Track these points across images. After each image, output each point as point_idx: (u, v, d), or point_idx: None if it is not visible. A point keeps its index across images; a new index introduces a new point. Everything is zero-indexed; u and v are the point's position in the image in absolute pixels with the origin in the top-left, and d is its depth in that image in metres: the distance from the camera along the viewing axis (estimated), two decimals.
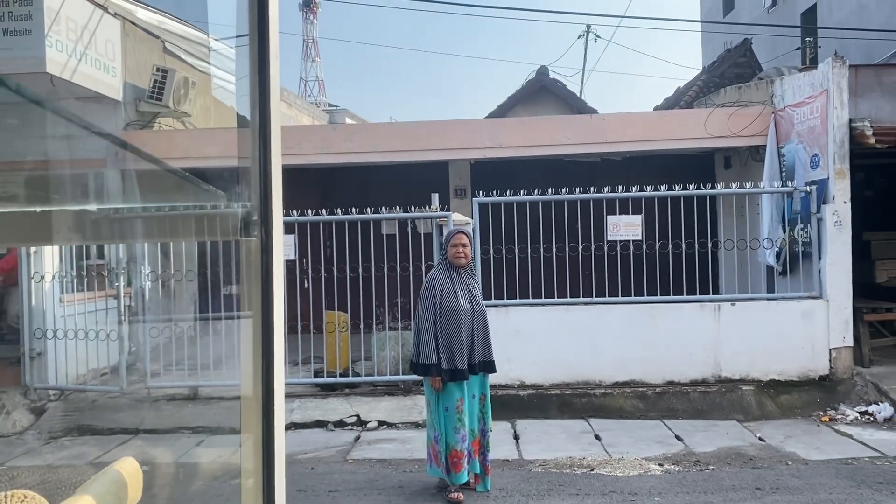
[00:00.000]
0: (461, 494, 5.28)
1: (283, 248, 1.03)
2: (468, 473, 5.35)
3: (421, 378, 5.55)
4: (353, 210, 8.13)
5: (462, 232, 5.45)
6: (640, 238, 8.13)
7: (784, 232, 8.73)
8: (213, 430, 7.27)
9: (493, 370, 5.43)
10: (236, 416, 1.20)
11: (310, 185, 11.84)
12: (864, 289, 9.27)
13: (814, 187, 8.26)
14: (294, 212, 8.11)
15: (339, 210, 8.14)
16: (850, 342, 8.06)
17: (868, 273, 9.98)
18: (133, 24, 10.38)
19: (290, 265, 8.19)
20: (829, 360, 8.02)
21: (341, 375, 8.31)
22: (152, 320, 8.60)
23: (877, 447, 6.47)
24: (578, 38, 20.81)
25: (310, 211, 8.18)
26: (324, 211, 8.20)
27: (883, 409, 7.39)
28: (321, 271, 8.19)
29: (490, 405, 5.52)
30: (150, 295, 8.71)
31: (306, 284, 8.46)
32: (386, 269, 8.06)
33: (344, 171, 11.16)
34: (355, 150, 9.85)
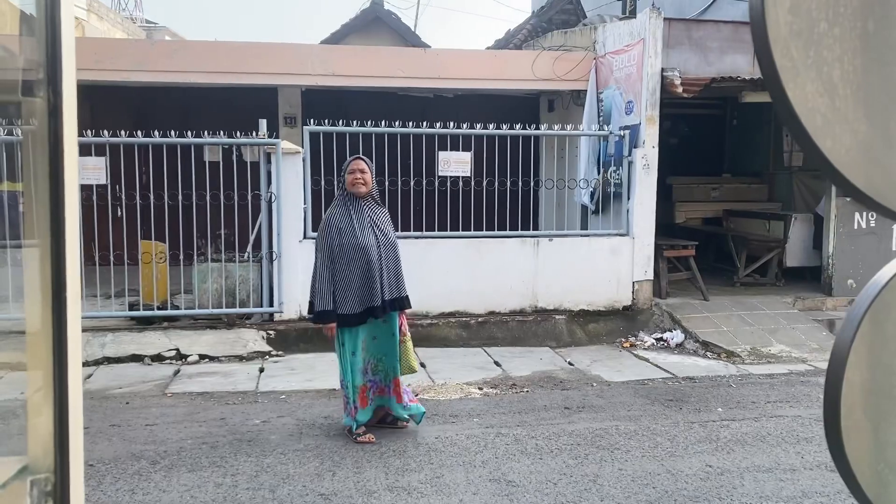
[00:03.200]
0: (371, 436, 5.06)
1: (76, 114, 0.85)
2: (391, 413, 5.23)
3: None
4: (173, 133, 7.63)
5: (360, 158, 5.15)
6: (468, 175, 8.34)
7: (599, 173, 9.30)
8: (11, 367, 6.68)
9: (407, 306, 5.17)
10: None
11: (124, 105, 10.95)
12: (665, 228, 10.15)
13: (627, 132, 8.82)
14: (106, 132, 7.48)
15: (156, 133, 7.61)
16: (650, 276, 8.84)
17: (669, 214, 10.93)
18: None
19: (101, 191, 7.59)
20: (633, 292, 8.76)
21: (159, 308, 7.93)
22: None
23: (668, 369, 7.22)
24: None
25: (123, 132, 7.58)
26: (139, 133, 7.63)
27: (675, 336, 8.24)
28: (136, 198, 7.67)
29: (408, 344, 5.24)
30: None
31: (120, 212, 7.91)
32: (209, 198, 7.69)
33: (163, 91, 10.40)
34: (176, 69, 9.17)
